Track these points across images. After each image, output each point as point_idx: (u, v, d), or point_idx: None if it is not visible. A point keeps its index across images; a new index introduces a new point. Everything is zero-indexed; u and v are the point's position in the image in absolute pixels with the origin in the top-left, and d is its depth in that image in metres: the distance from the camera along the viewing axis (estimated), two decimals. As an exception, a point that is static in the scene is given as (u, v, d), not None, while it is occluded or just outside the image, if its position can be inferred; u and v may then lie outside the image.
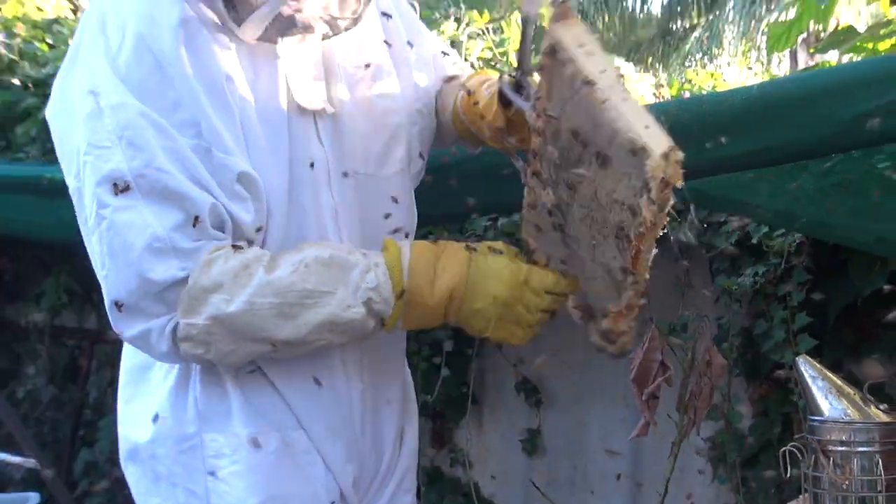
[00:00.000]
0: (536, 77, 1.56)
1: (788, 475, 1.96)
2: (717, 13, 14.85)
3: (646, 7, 16.32)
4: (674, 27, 16.36)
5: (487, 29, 4.32)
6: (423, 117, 1.80)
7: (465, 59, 4.00)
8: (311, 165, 1.56)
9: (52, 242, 4.34)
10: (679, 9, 15.83)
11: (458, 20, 4.38)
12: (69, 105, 1.46)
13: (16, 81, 4.56)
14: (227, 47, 1.47)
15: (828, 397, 2.06)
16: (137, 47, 1.39)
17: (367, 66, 1.67)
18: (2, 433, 4.20)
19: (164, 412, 1.57)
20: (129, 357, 1.69)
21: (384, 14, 1.75)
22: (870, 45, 2.76)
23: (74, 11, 5.72)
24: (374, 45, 1.71)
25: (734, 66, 14.15)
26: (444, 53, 1.95)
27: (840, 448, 1.92)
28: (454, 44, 4.31)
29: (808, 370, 2.17)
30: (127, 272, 1.39)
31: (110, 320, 1.46)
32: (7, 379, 4.70)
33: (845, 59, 3.12)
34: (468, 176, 2.31)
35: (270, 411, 1.57)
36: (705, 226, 3.27)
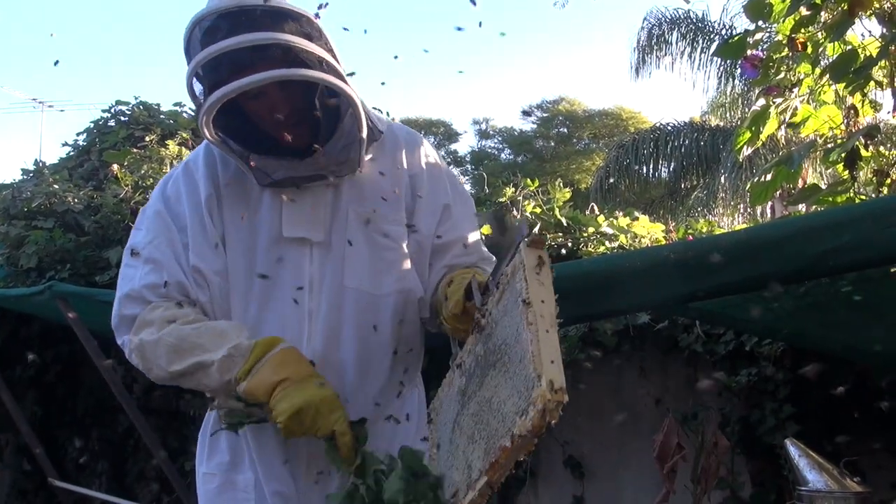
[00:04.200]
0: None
1: (783, 533, 1.89)
2: (713, 175, 14.86)
3: (657, 173, 16.39)
4: (680, 187, 16.39)
5: (538, 191, 4.40)
6: (420, 255, 1.76)
7: (521, 214, 4.06)
8: (299, 283, 1.66)
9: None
10: (683, 173, 15.88)
11: (515, 185, 4.47)
12: None
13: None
14: (208, 191, 1.70)
15: (811, 472, 1.99)
16: (175, 183, 1.73)
17: (374, 210, 1.70)
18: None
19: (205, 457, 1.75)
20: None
21: (406, 170, 1.77)
22: (829, 199, 2.75)
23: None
24: (379, 195, 1.72)
25: (727, 216, 14.09)
26: (464, 245, 1.80)
27: (823, 512, 1.88)
28: (513, 203, 4.39)
29: (795, 450, 2.11)
30: (115, 305, 1.66)
31: None
32: (178, 455, 4.73)
33: (812, 209, 3.10)
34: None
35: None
36: (707, 337, 3.23)
